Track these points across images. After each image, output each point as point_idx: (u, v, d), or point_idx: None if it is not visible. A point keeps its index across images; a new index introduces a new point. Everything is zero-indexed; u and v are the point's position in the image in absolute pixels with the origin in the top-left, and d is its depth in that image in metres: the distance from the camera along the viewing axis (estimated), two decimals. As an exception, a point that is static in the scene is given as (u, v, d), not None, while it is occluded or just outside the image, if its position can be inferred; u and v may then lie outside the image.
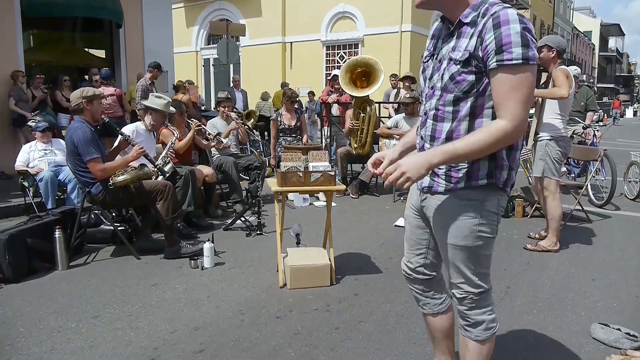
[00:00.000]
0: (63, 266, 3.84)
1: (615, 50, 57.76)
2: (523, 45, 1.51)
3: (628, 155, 7.07)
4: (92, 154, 3.87)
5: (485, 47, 1.56)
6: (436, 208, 1.77)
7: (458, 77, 1.63)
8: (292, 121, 6.66)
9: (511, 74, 1.53)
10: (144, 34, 10.04)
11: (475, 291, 1.79)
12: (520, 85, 1.54)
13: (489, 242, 1.75)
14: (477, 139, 1.57)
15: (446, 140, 1.70)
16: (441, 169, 1.71)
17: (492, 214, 1.72)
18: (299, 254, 3.64)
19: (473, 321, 1.82)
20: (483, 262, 1.78)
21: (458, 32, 1.66)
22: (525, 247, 4.32)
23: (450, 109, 1.68)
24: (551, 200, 4.27)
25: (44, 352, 2.57)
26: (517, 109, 1.54)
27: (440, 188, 1.74)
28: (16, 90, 7.33)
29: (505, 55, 1.52)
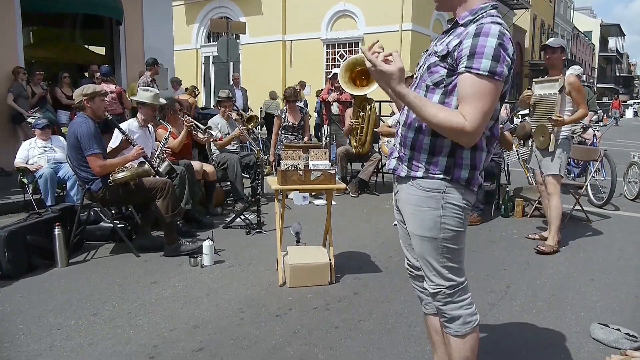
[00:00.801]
0: (62, 263, 3.84)
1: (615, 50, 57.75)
2: (493, 59, 1.55)
3: (628, 156, 7.07)
4: (93, 148, 3.87)
5: (461, 50, 1.61)
6: (404, 199, 1.83)
7: (433, 68, 1.71)
8: (296, 120, 6.65)
9: (475, 82, 1.57)
10: (144, 31, 10.02)
11: (446, 284, 1.79)
12: (482, 96, 1.57)
13: (456, 235, 1.76)
14: (434, 109, 1.60)
15: (416, 129, 1.75)
16: (406, 155, 1.79)
17: (456, 207, 1.73)
18: (298, 252, 3.64)
19: (449, 316, 1.83)
20: (453, 256, 1.78)
21: (452, 31, 1.72)
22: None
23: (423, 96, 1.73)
24: (557, 198, 4.30)
25: (43, 349, 2.57)
26: (476, 116, 1.57)
27: (402, 173, 1.80)
28: (16, 86, 7.32)
29: (474, 64, 1.57)
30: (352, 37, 16.85)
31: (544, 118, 4.29)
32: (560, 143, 4.25)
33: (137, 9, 9.82)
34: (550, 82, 4.31)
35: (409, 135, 1.78)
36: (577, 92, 4.20)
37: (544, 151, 4.32)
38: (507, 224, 5.27)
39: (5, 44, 7.52)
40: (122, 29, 9.58)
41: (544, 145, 4.28)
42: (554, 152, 4.25)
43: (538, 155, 4.41)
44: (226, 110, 6.18)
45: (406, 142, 1.79)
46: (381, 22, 15.91)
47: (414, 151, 1.76)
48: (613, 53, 56.82)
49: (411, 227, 1.82)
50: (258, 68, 17.87)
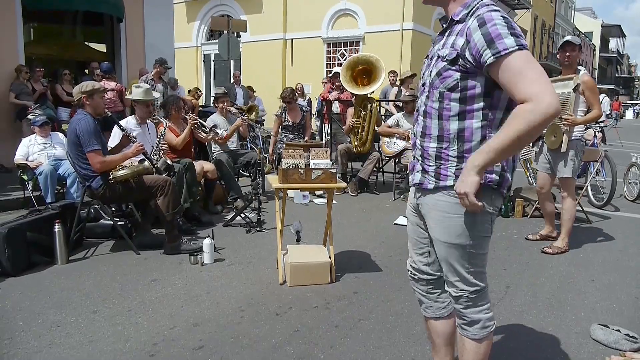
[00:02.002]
0: (62, 260, 3.84)
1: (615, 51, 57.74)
2: (512, 35, 1.51)
3: (628, 157, 7.07)
4: (93, 145, 3.86)
5: (475, 46, 1.56)
6: (430, 205, 1.78)
7: (444, 73, 1.66)
8: (296, 119, 6.65)
9: (512, 61, 1.51)
10: (144, 28, 10.01)
11: (471, 289, 1.78)
12: (527, 65, 1.50)
13: (483, 241, 1.75)
14: (507, 128, 1.52)
15: (437, 138, 1.71)
16: (431, 167, 1.74)
17: (485, 212, 1.71)
18: (299, 251, 3.64)
19: (469, 320, 1.81)
20: (478, 261, 1.77)
21: (450, 30, 1.69)
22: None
23: (437, 105, 1.70)
24: (571, 200, 4.28)
25: (43, 346, 2.57)
26: (535, 85, 1.48)
27: (430, 185, 1.75)
28: (17, 84, 7.30)
29: (499, 47, 1.51)
30: (352, 36, 16.84)
31: (556, 118, 4.23)
32: (573, 144, 4.16)
33: (138, 7, 9.80)
34: (563, 80, 4.19)
35: (431, 145, 1.74)
36: (591, 91, 4.09)
37: (555, 153, 4.23)
38: (507, 224, 5.27)
39: (6, 40, 7.51)
40: (123, 27, 9.57)
41: (555, 146, 4.19)
42: (567, 154, 4.16)
43: (549, 157, 4.33)
44: (224, 106, 6.17)
45: (429, 154, 1.75)
46: (382, 21, 15.91)
47: (440, 161, 1.72)
48: (614, 54, 56.80)
49: (437, 234, 1.79)
50: (259, 66, 17.86)
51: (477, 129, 1.66)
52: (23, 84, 7.36)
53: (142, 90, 4.86)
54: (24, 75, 7.37)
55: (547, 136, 4.28)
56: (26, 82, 7.45)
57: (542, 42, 33.59)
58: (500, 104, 1.65)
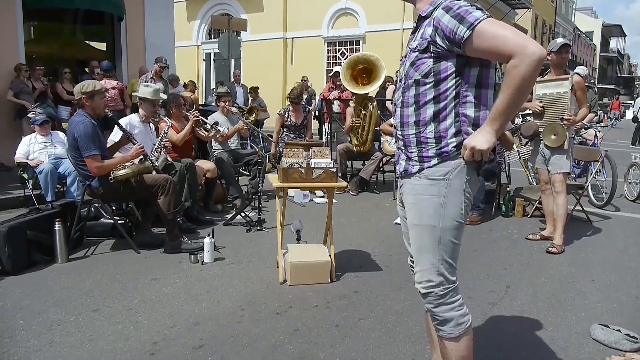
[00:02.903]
0: (62, 259, 3.84)
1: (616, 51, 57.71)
2: (477, 9, 1.63)
3: (629, 157, 7.06)
4: (90, 150, 3.85)
5: (447, 28, 1.64)
6: (407, 191, 1.84)
7: (417, 62, 1.74)
8: (299, 119, 6.64)
9: (486, 26, 1.59)
10: (145, 27, 10.00)
11: (438, 280, 1.77)
12: (500, 27, 1.60)
13: (455, 227, 1.76)
14: (505, 87, 1.60)
15: (415, 124, 1.78)
16: (413, 152, 1.79)
17: (459, 193, 1.74)
18: (299, 250, 3.64)
19: (441, 318, 1.80)
20: (449, 249, 1.77)
21: (419, 26, 1.78)
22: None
23: (413, 92, 1.77)
24: (564, 197, 4.33)
25: (43, 345, 2.57)
26: (513, 40, 1.56)
27: (414, 169, 1.79)
28: (16, 83, 7.29)
29: (470, 19, 1.60)
30: (353, 35, 16.83)
31: (554, 117, 4.27)
32: (570, 141, 4.26)
33: (138, 5, 9.80)
34: (556, 81, 4.29)
35: (410, 132, 1.80)
36: (582, 91, 4.24)
37: (555, 150, 4.28)
38: (507, 224, 5.27)
39: (7, 39, 7.50)
40: (124, 25, 9.56)
41: (557, 144, 4.23)
42: (568, 151, 4.25)
43: (546, 154, 4.37)
44: (225, 106, 6.17)
45: (410, 140, 1.80)
46: (382, 21, 15.90)
47: (420, 145, 1.77)
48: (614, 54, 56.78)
49: (410, 217, 1.83)
50: (259, 65, 17.84)
51: (450, 108, 1.73)
52: (23, 83, 7.35)
53: (151, 90, 4.85)
54: (23, 73, 7.35)
55: (546, 135, 4.30)
56: (26, 81, 7.44)
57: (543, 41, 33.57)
58: (471, 81, 1.72)
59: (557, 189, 4.34)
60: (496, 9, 22.60)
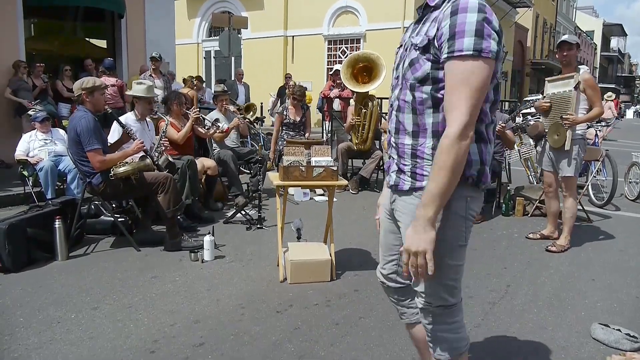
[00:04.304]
0: (63, 256, 3.84)
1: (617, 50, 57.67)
2: (477, 35, 1.37)
3: (629, 156, 7.06)
4: (93, 144, 3.86)
5: (440, 35, 1.44)
6: (403, 210, 1.63)
7: (416, 64, 1.53)
8: (298, 117, 6.64)
9: (460, 66, 1.40)
10: (145, 25, 9.99)
11: (437, 303, 1.61)
12: (468, 80, 1.39)
13: (457, 250, 1.58)
14: (437, 163, 1.43)
15: (412, 134, 1.57)
16: (407, 165, 1.60)
17: (460, 217, 1.55)
18: (299, 248, 3.64)
19: (433, 337, 1.66)
20: (449, 273, 1.59)
21: (426, 17, 1.56)
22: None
23: (410, 98, 1.56)
24: (574, 199, 4.30)
25: (44, 342, 2.57)
26: (462, 105, 1.39)
27: (406, 186, 1.60)
28: (14, 80, 7.27)
29: (456, 45, 1.39)
30: (354, 34, 16.81)
31: (559, 117, 4.18)
32: (576, 142, 4.15)
33: (139, 3, 9.79)
34: (564, 79, 4.19)
35: (406, 142, 1.60)
36: (592, 89, 4.08)
37: (558, 152, 4.22)
38: (508, 223, 5.27)
39: (7, 36, 7.49)
40: (124, 23, 9.55)
41: (558, 144, 4.16)
42: (570, 153, 4.15)
43: (552, 156, 4.31)
44: (223, 104, 6.18)
45: (404, 151, 1.60)
46: (383, 19, 15.89)
47: (415, 159, 1.58)
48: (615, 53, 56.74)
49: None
50: (259, 63, 17.83)
51: None
52: (22, 80, 7.33)
53: (144, 87, 4.84)
54: (22, 70, 7.33)
55: (550, 135, 4.27)
56: (26, 78, 7.43)
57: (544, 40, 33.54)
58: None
59: (564, 192, 4.31)
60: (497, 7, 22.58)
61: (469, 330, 2.77)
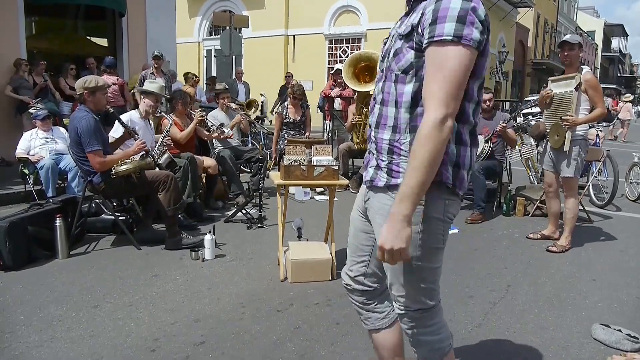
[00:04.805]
0: (63, 255, 3.84)
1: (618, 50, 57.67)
2: (459, 21, 1.33)
3: (630, 157, 7.06)
4: (93, 145, 3.85)
5: (424, 22, 1.40)
6: (377, 210, 1.58)
7: (400, 54, 1.49)
8: (297, 116, 6.63)
9: (438, 51, 1.35)
10: (146, 23, 9.98)
11: (415, 307, 1.58)
12: (446, 65, 1.34)
13: (433, 253, 1.54)
14: (414, 155, 1.37)
15: (392, 129, 1.53)
16: (384, 161, 1.55)
17: (437, 220, 1.51)
18: (300, 247, 3.64)
19: (415, 341, 1.64)
20: (427, 276, 1.56)
21: (414, 8, 1.51)
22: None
23: (392, 90, 1.52)
24: (574, 200, 4.29)
25: (44, 341, 2.57)
26: (439, 91, 1.33)
27: (381, 182, 1.55)
28: (15, 79, 7.26)
29: (436, 30, 1.35)
30: (355, 33, 16.83)
31: (559, 117, 4.16)
32: (576, 143, 4.13)
33: (140, 1, 9.77)
34: (566, 79, 4.18)
35: (384, 137, 1.55)
36: (594, 90, 4.06)
37: (559, 152, 4.21)
38: (508, 223, 5.26)
39: (8, 34, 7.49)
40: (125, 21, 9.54)
41: (558, 145, 4.16)
42: (570, 154, 4.14)
43: (553, 157, 4.31)
44: (224, 102, 6.18)
45: (382, 147, 1.56)
46: (384, 18, 15.88)
47: (392, 155, 1.53)
48: (616, 53, 56.73)
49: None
50: (260, 62, 17.84)
51: None
52: (22, 78, 7.32)
53: (157, 85, 4.86)
54: (23, 68, 7.33)
55: (551, 135, 4.27)
56: (27, 76, 7.42)
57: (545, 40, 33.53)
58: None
59: (565, 193, 4.31)
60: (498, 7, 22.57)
61: (470, 330, 2.77)
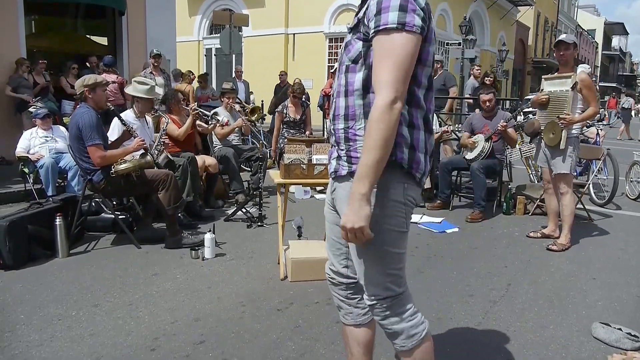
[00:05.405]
0: (63, 254, 3.84)
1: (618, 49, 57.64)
2: (401, 10, 1.41)
3: (630, 155, 7.05)
4: (94, 139, 3.85)
5: (369, 13, 1.47)
6: (344, 198, 1.58)
7: (349, 46, 1.57)
8: (298, 114, 6.62)
9: (384, 39, 1.42)
10: (146, 22, 9.98)
11: (384, 294, 1.61)
12: (393, 51, 1.41)
13: (395, 237, 1.58)
14: (368, 136, 1.43)
15: (345, 117, 1.59)
16: (342, 150, 1.61)
17: (398, 203, 1.55)
18: (300, 246, 3.63)
19: (391, 331, 1.65)
20: (391, 261, 1.59)
21: (365, 4, 1.55)
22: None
23: (344, 81, 1.59)
24: (570, 196, 4.31)
25: (44, 340, 2.57)
26: (388, 76, 1.40)
27: (344, 171, 1.59)
28: (15, 78, 7.25)
29: (381, 20, 1.42)
30: (355, 32, 16.80)
31: (555, 115, 4.21)
32: (571, 141, 4.20)
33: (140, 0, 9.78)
34: (561, 78, 4.24)
35: (340, 126, 1.60)
36: (588, 89, 4.12)
37: (554, 150, 4.25)
38: (508, 222, 5.26)
39: (8, 33, 7.48)
40: (125, 20, 9.54)
41: (554, 143, 4.20)
42: (565, 151, 4.19)
43: (547, 154, 4.35)
44: (229, 102, 6.17)
45: (340, 136, 1.61)
46: (384, 17, 15.86)
47: (349, 143, 1.58)
48: (616, 52, 56.72)
49: None
50: (260, 61, 17.82)
51: None
52: (22, 77, 7.32)
53: (146, 88, 4.82)
54: (24, 68, 7.33)
55: (546, 133, 4.30)
56: (27, 75, 7.42)
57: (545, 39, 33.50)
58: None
59: (561, 190, 4.32)
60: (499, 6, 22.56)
61: (470, 329, 2.77)
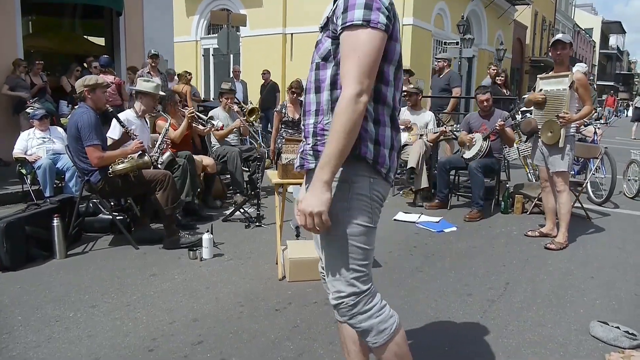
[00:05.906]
0: (61, 255, 3.83)
1: (615, 48, 57.72)
2: (366, 7, 1.44)
3: (628, 154, 7.07)
4: (93, 139, 3.85)
5: (337, 11, 1.51)
6: None
7: (319, 44, 1.61)
8: (296, 114, 6.61)
9: (350, 35, 1.46)
10: (144, 22, 9.95)
11: (348, 291, 1.59)
12: (358, 46, 1.44)
13: (364, 232, 1.58)
14: (333, 126, 1.46)
15: (315, 113, 1.62)
16: (308, 144, 1.63)
17: (364, 197, 1.56)
18: (298, 246, 3.63)
19: (361, 329, 1.64)
20: (356, 256, 1.59)
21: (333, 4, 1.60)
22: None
23: (313, 78, 1.62)
24: (567, 194, 4.32)
25: (42, 341, 2.56)
26: (354, 69, 1.43)
27: (311, 165, 1.61)
28: (12, 78, 7.23)
29: (348, 17, 1.45)
30: (353, 31, 16.79)
31: (552, 114, 4.24)
32: (569, 139, 4.23)
33: (137, 0, 9.76)
34: (557, 77, 4.26)
35: (310, 121, 1.63)
36: (584, 88, 4.19)
37: (551, 148, 4.27)
38: (506, 221, 5.27)
39: (5, 33, 7.46)
40: (122, 20, 9.51)
41: (552, 141, 4.22)
42: (563, 149, 4.21)
43: (544, 152, 4.36)
44: (227, 102, 6.17)
45: (309, 130, 1.64)
46: (382, 16, 15.86)
47: (316, 137, 1.60)
48: (614, 50, 56.80)
49: None
50: (258, 61, 17.79)
51: None
52: (19, 78, 7.29)
53: (153, 85, 4.83)
54: (21, 69, 7.30)
55: (543, 132, 4.30)
56: (24, 76, 7.40)
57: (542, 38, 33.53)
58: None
59: (558, 188, 4.32)
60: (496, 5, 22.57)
61: (468, 328, 2.77)
